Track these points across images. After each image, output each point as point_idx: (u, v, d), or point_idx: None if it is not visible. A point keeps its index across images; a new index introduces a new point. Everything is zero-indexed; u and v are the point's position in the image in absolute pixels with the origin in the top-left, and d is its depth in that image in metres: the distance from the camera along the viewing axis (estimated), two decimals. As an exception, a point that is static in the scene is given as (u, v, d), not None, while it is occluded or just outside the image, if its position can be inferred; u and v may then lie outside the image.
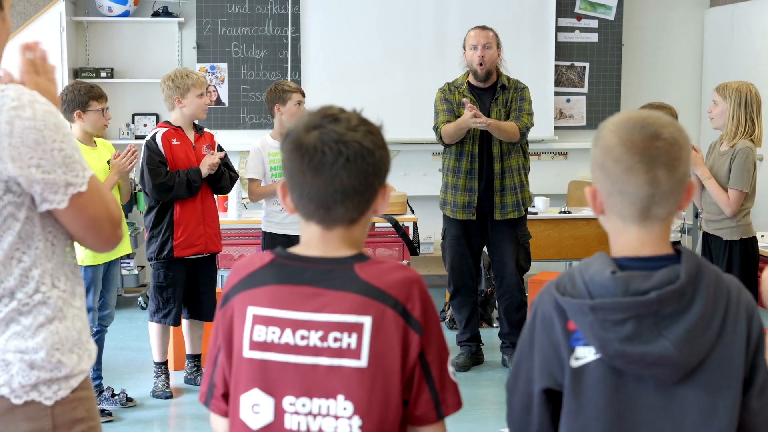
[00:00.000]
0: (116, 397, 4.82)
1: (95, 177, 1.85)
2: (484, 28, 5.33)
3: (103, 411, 4.68)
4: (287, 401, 1.63)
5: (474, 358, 5.57)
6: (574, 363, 1.60)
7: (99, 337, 4.77)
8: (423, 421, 1.67)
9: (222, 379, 1.73)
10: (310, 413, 1.63)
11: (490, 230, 5.43)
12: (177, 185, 4.76)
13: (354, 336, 1.61)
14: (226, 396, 1.73)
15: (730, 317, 1.60)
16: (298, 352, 1.63)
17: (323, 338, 1.62)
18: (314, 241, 1.68)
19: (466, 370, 5.47)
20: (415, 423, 1.68)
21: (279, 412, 1.64)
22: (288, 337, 1.63)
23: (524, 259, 5.51)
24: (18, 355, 1.80)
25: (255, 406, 1.65)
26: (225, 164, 5.04)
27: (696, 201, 4.89)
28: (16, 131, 1.72)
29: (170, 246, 4.87)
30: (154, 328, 5.02)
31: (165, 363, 5.09)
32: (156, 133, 4.87)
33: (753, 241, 4.63)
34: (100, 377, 4.85)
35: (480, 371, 5.50)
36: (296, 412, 1.63)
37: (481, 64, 5.25)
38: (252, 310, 1.66)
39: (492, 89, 5.36)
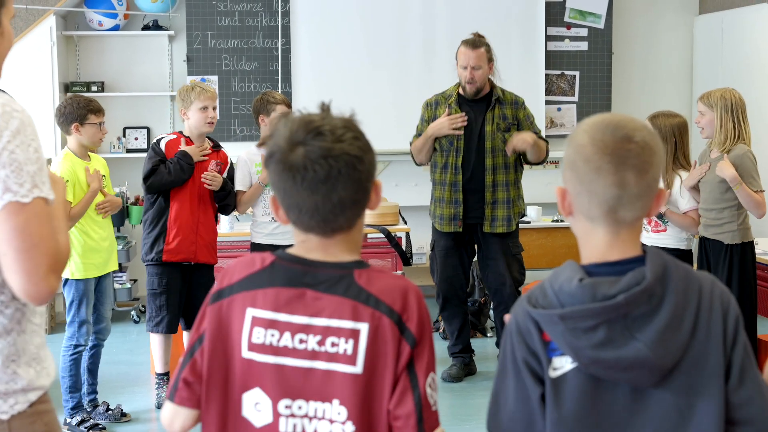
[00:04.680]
0: (111, 412, 4.80)
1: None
2: (475, 46, 5.21)
3: (96, 425, 4.67)
4: (283, 404, 1.65)
5: (467, 369, 5.56)
6: (553, 373, 1.60)
7: (95, 351, 4.78)
8: None
9: (194, 371, 1.70)
10: (306, 416, 1.64)
11: (482, 242, 5.41)
12: (171, 169, 4.82)
13: (351, 342, 1.62)
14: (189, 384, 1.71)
15: (704, 314, 1.59)
16: (296, 355, 1.64)
17: (321, 342, 1.63)
18: (314, 245, 1.69)
19: (459, 381, 5.45)
20: None
21: (275, 415, 1.65)
22: (287, 340, 1.65)
23: (518, 271, 5.46)
24: None
25: (257, 404, 1.66)
26: (232, 181, 5.11)
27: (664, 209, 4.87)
28: None
29: (161, 248, 4.88)
30: (155, 339, 5.01)
31: (167, 374, 5.06)
32: (162, 138, 4.98)
33: (751, 245, 4.65)
34: (95, 392, 4.83)
35: (473, 382, 5.49)
36: (292, 415, 1.65)
37: (470, 83, 5.23)
38: (251, 312, 1.66)
39: (485, 101, 5.32)
